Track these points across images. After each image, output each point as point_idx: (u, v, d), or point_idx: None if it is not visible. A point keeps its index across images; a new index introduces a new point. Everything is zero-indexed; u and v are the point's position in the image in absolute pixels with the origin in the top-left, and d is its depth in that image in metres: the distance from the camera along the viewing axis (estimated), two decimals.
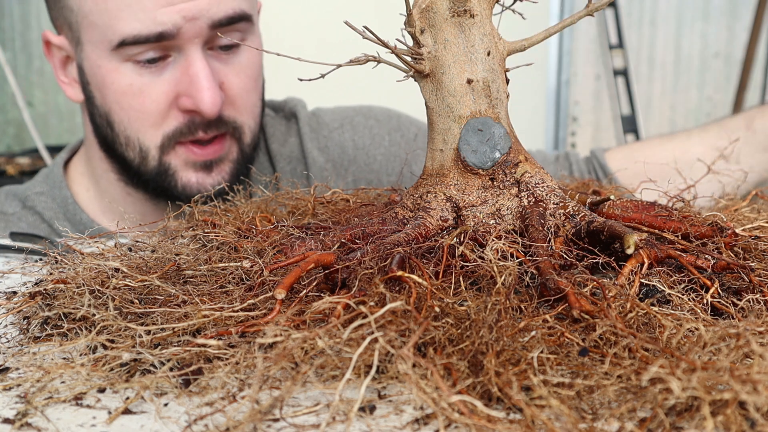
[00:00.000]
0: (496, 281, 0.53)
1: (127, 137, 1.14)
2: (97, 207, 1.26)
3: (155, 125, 1.12)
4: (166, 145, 1.13)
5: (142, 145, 1.13)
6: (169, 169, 1.15)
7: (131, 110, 1.11)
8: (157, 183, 1.16)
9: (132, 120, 1.12)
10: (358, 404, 0.42)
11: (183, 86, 1.10)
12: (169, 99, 1.10)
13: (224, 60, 1.13)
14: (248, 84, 1.16)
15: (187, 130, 1.12)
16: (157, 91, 1.09)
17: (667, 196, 0.78)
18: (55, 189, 1.26)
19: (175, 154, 1.14)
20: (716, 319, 0.55)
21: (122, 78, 1.09)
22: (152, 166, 1.15)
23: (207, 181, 1.16)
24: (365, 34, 0.64)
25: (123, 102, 1.11)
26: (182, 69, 1.09)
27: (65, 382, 0.48)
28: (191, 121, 1.12)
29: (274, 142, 1.34)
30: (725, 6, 4.24)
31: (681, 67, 4.27)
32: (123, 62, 1.08)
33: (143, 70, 1.09)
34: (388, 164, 1.36)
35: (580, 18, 0.68)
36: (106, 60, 1.09)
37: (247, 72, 1.15)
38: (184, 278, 0.64)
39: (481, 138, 0.67)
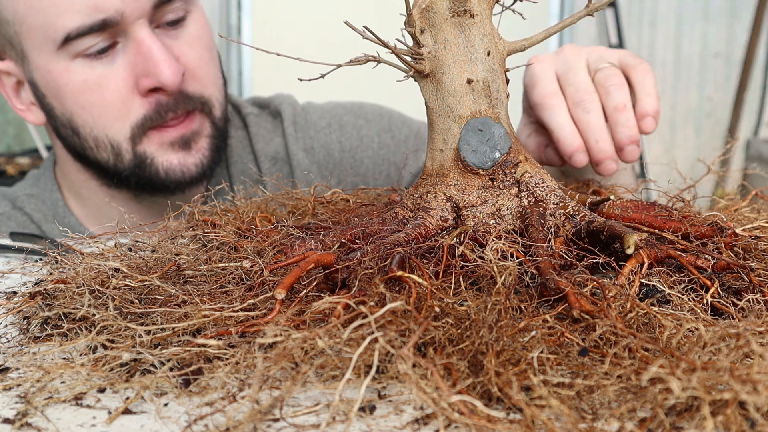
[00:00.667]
0: (496, 281, 0.54)
1: (95, 138, 1.10)
2: (81, 214, 1.24)
3: (120, 117, 1.08)
4: (136, 135, 1.09)
5: (112, 141, 1.10)
6: (146, 158, 1.11)
7: (93, 107, 1.07)
8: (137, 176, 1.13)
9: (96, 117, 1.08)
10: (358, 404, 0.42)
11: (139, 67, 1.06)
12: (128, 85, 1.07)
13: (173, 35, 1.10)
14: (204, 54, 1.13)
15: (157, 116, 1.09)
16: (114, 80, 1.06)
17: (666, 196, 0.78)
18: (45, 192, 1.24)
19: (148, 140, 1.10)
20: (716, 319, 0.55)
21: (75, 76, 1.06)
22: (128, 160, 1.11)
23: (189, 161, 1.13)
24: (365, 34, 0.64)
25: (82, 100, 1.07)
26: (133, 51, 1.06)
27: (65, 382, 0.48)
28: (158, 105, 1.08)
29: (259, 141, 1.31)
30: (725, 6, 4.24)
31: (681, 67, 4.27)
32: (72, 60, 1.05)
33: (95, 62, 1.05)
34: (376, 167, 1.33)
35: (580, 18, 0.68)
36: (55, 62, 1.05)
37: (200, 42, 1.12)
38: (184, 278, 0.64)
39: (481, 138, 0.67)
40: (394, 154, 1.34)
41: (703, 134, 4.37)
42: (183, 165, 1.13)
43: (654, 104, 0.91)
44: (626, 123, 0.90)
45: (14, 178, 2.50)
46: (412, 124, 1.38)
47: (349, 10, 1.58)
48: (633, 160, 0.92)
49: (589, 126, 0.90)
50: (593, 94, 0.91)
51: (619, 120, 0.90)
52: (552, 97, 0.91)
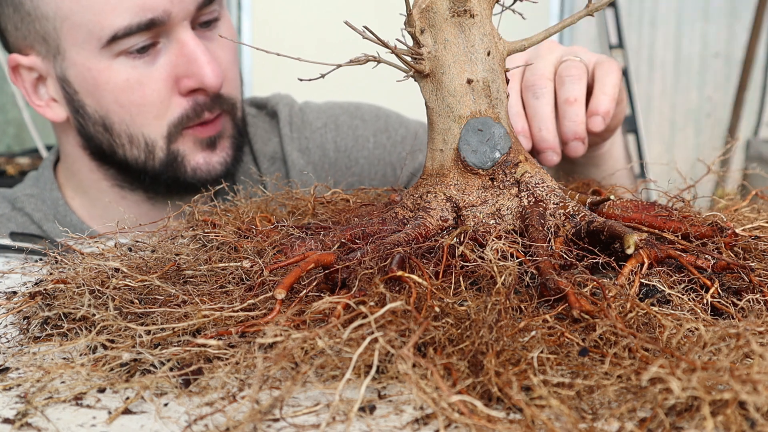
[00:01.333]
0: (496, 281, 0.54)
1: (130, 135, 1.12)
2: (85, 213, 1.24)
3: (159, 116, 1.10)
4: (173, 134, 1.12)
5: (148, 139, 1.12)
6: (178, 156, 1.14)
7: (132, 106, 1.09)
8: (167, 174, 1.15)
9: (134, 115, 1.10)
10: (358, 404, 0.42)
11: (181, 68, 1.08)
12: (168, 85, 1.09)
13: (208, 37, 1.12)
14: (232, 57, 1.16)
15: (194, 114, 1.11)
16: (156, 79, 1.08)
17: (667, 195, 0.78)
18: (45, 191, 1.24)
19: (183, 140, 1.13)
20: (716, 319, 0.55)
21: (117, 75, 1.07)
22: (160, 158, 1.13)
23: (213, 159, 1.16)
24: (365, 34, 0.64)
25: (122, 99, 1.09)
26: (176, 51, 1.08)
27: (65, 382, 0.48)
28: (195, 104, 1.11)
29: (258, 142, 1.33)
30: (725, 6, 4.24)
31: (681, 67, 4.27)
32: (114, 58, 1.06)
33: (136, 61, 1.07)
34: (371, 167, 1.33)
35: (580, 18, 0.68)
36: (96, 60, 1.07)
37: (230, 45, 1.15)
38: (184, 278, 0.64)
39: (481, 138, 0.67)
40: (390, 155, 1.35)
41: (703, 134, 4.37)
42: (209, 164, 1.16)
43: (606, 104, 0.88)
44: (573, 118, 0.88)
45: (14, 178, 2.50)
46: (410, 125, 1.38)
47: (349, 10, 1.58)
48: (576, 155, 0.91)
49: (536, 113, 0.89)
50: (548, 82, 0.90)
51: (567, 113, 0.89)
52: None
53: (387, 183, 1.33)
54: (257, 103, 1.38)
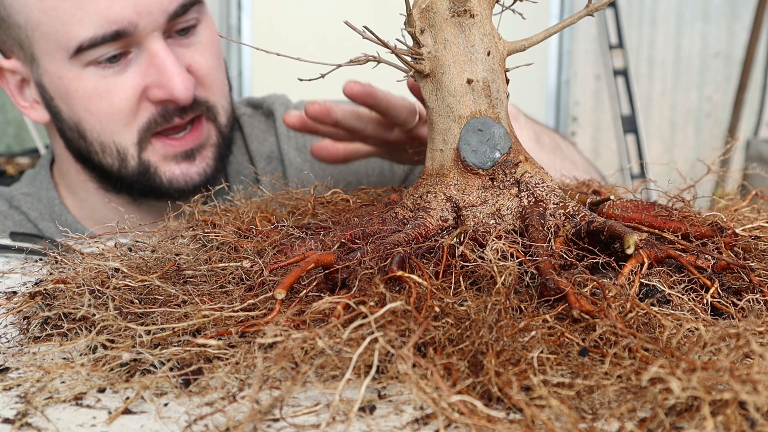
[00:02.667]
0: (496, 281, 0.53)
1: (102, 143, 1.11)
2: (78, 213, 1.25)
3: (128, 123, 1.10)
4: (143, 139, 1.11)
5: (119, 147, 1.11)
6: (150, 167, 1.13)
7: (101, 114, 1.09)
8: (141, 183, 1.14)
9: (104, 123, 1.10)
10: (358, 404, 0.42)
11: (151, 77, 1.07)
12: (137, 93, 1.08)
13: (185, 43, 1.11)
14: (213, 62, 1.15)
15: (162, 119, 1.10)
16: (124, 88, 1.07)
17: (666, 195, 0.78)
18: (41, 190, 1.24)
19: (153, 149, 1.12)
20: (716, 319, 0.55)
21: (86, 83, 1.07)
22: (132, 167, 1.13)
23: (192, 170, 1.15)
24: (365, 34, 0.64)
25: (91, 107, 1.09)
26: (146, 61, 1.07)
27: (65, 382, 0.48)
28: (165, 110, 1.10)
29: (253, 141, 1.32)
30: (725, 6, 4.24)
31: (681, 67, 4.28)
32: (84, 68, 1.06)
33: (106, 71, 1.06)
34: (368, 165, 1.34)
35: (580, 18, 0.68)
36: (66, 69, 1.06)
37: (210, 50, 1.14)
38: (184, 278, 0.64)
39: (481, 138, 0.67)
40: None
41: (703, 134, 4.38)
42: (186, 175, 1.15)
43: None
44: None
45: (14, 178, 2.49)
46: None
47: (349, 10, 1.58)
48: None
49: None
50: None
51: None
52: None
53: (384, 180, 1.34)
54: (253, 103, 1.38)
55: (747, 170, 0.95)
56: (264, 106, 1.36)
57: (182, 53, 1.10)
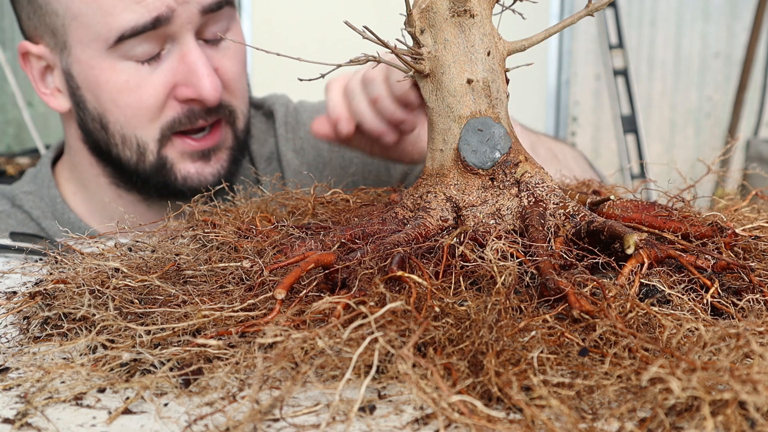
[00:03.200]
0: (496, 281, 0.53)
1: (123, 136, 1.13)
2: (86, 209, 1.25)
3: (153, 119, 1.11)
4: (164, 137, 1.12)
5: (140, 141, 1.13)
6: (167, 163, 1.14)
7: (128, 107, 1.10)
8: (157, 179, 1.15)
9: (129, 117, 1.11)
10: (358, 404, 0.42)
11: (181, 76, 1.09)
12: (166, 90, 1.10)
13: (214, 47, 1.13)
14: (240, 68, 1.17)
15: (187, 120, 1.12)
16: (154, 84, 1.09)
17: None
18: (43, 188, 1.25)
19: (172, 146, 1.14)
20: (716, 319, 0.55)
21: (119, 75, 1.08)
22: (150, 162, 1.14)
23: (206, 171, 1.16)
24: (365, 34, 0.64)
25: (119, 100, 1.10)
26: (178, 59, 1.09)
27: (65, 382, 0.48)
28: (190, 111, 1.11)
29: (255, 143, 1.34)
30: (725, 6, 4.24)
31: (681, 67, 4.28)
32: (120, 60, 1.08)
33: (140, 66, 1.08)
34: (365, 166, 1.34)
35: (580, 18, 0.68)
36: (101, 59, 1.08)
37: (238, 56, 1.16)
38: (184, 278, 0.64)
39: (481, 138, 0.67)
40: None
41: (703, 134, 4.38)
42: (200, 174, 1.16)
43: None
44: None
45: (14, 178, 2.49)
46: None
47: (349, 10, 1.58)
48: None
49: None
50: None
51: None
52: None
53: (381, 182, 1.34)
54: (254, 103, 1.39)
55: (747, 170, 0.95)
56: (265, 106, 1.37)
57: (212, 55, 1.12)
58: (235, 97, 1.17)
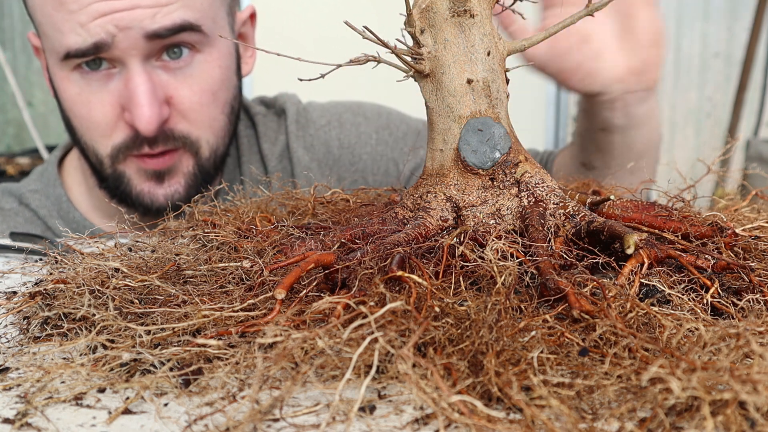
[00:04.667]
0: (496, 281, 0.53)
1: (85, 143, 1.14)
2: (89, 204, 1.27)
3: (104, 135, 1.11)
4: (116, 156, 1.12)
5: (97, 153, 1.13)
6: (124, 177, 1.14)
7: (82, 119, 1.11)
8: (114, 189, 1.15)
9: (84, 129, 1.11)
10: (358, 404, 0.42)
11: (124, 100, 1.07)
12: (115, 110, 1.09)
13: (172, 71, 1.09)
14: (202, 97, 1.11)
15: (133, 145, 1.10)
16: (102, 102, 1.08)
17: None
18: (49, 187, 1.26)
19: (127, 163, 1.13)
20: (716, 319, 0.55)
21: (72, 86, 1.09)
22: (108, 173, 1.14)
23: (158, 192, 1.14)
24: (365, 34, 0.64)
25: (74, 110, 1.11)
26: (124, 82, 1.07)
27: (65, 382, 0.48)
28: (136, 136, 1.09)
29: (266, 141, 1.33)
30: (725, 6, 4.24)
31: (681, 67, 4.27)
32: (72, 72, 1.08)
33: (89, 78, 1.07)
34: (374, 163, 1.35)
35: (580, 18, 0.68)
36: (58, 68, 1.09)
37: (201, 84, 1.11)
38: (184, 278, 0.64)
39: (481, 138, 0.67)
40: (392, 151, 1.36)
41: (703, 134, 4.37)
42: (152, 194, 1.14)
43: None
44: None
45: (14, 178, 2.50)
46: (411, 122, 1.41)
47: (349, 10, 1.58)
48: None
49: None
50: None
51: None
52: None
53: (389, 178, 1.35)
54: (266, 102, 1.40)
55: (747, 170, 0.95)
56: (276, 105, 1.38)
57: (167, 81, 1.08)
58: (196, 126, 1.12)
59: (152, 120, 1.05)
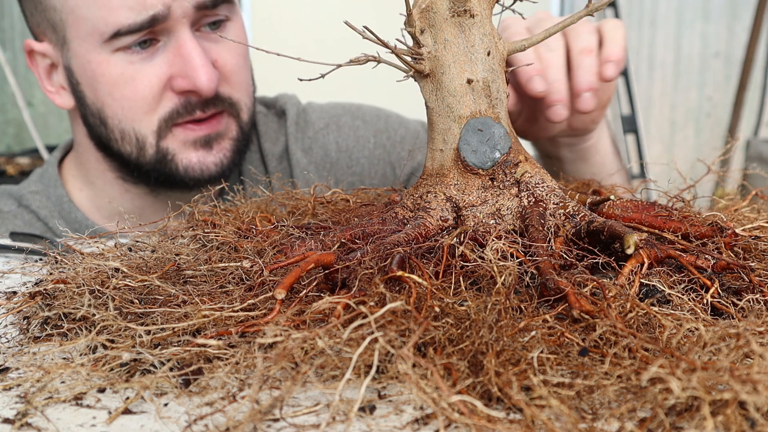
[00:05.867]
0: (496, 281, 0.53)
1: (122, 130, 1.13)
2: (92, 206, 1.26)
3: (150, 111, 1.11)
4: (163, 129, 1.13)
5: (138, 135, 1.13)
6: (168, 154, 1.14)
7: (124, 100, 1.11)
8: (158, 171, 1.16)
9: (126, 110, 1.11)
10: (358, 404, 0.42)
11: (177, 67, 1.09)
12: (162, 82, 1.10)
13: (213, 38, 1.13)
14: (240, 61, 1.17)
15: (184, 111, 1.12)
16: (149, 76, 1.09)
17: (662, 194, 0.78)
18: (50, 188, 1.26)
19: (173, 136, 1.14)
20: (716, 319, 0.55)
21: (113, 68, 1.09)
22: (150, 155, 1.14)
23: (209, 159, 1.16)
24: (365, 34, 0.64)
25: (115, 93, 1.10)
26: (174, 51, 1.09)
27: (65, 382, 0.48)
28: (187, 102, 1.12)
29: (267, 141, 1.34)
30: (725, 6, 4.24)
31: (681, 67, 4.27)
32: (113, 53, 1.08)
33: (133, 57, 1.09)
34: (371, 167, 1.35)
35: (580, 18, 0.68)
36: (96, 53, 1.09)
37: (237, 49, 1.16)
38: (184, 278, 0.64)
39: (481, 138, 0.67)
40: (390, 154, 1.36)
41: (703, 134, 4.38)
42: (202, 163, 1.16)
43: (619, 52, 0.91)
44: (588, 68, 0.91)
45: (14, 179, 2.50)
46: (409, 125, 1.41)
47: (349, 10, 1.59)
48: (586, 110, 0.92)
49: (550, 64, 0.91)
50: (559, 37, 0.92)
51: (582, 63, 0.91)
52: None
53: (387, 182, 1.35)
54: (266, 102, 1.40)
55: (747, 170, 0.95)
56: (277, 105, 1.38)
57: (210, 47, 1.12)
58: (236, 89, 1.16)
59: (212, 78, 1.09)
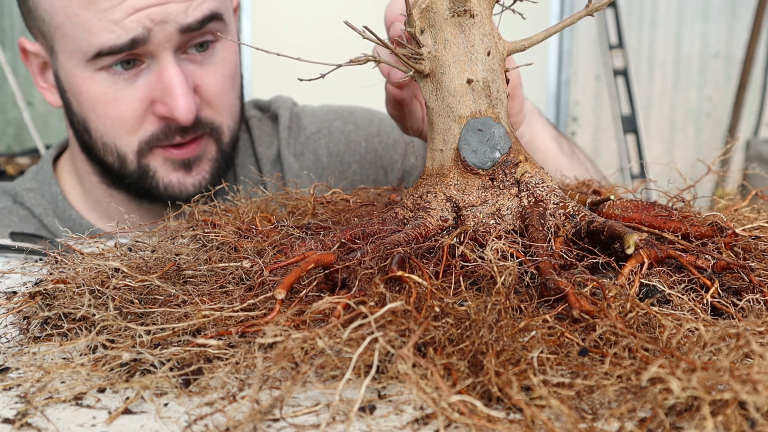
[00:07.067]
0: (496, 281, 0.53)
1: (104, 143, 1.14)
2: (84, 205, 1.27)
3: (131, 131, 1.12)
4: (143, 150, 1.13)
5: (119, 151, 1.14)
6: (149, 170, 1.15)
7: (106, 118, 1.11)
8: (138, 185, 1.16)
9: (108, 127, 1.12)
10: (358, 404, 0.42)
11: (157, 93, 1.09)
12: (144, 105, 1.10)
13: (199, 62, 1.12)
14: (225, 84, 1.15)
15: (164, 136, 1.12)
16: (131, 98, 1.09)
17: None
18: (44, 185, 1.26)
19: (153, 156, 1.14)
20: (716, 319, 0.55)
21: (97, 87, 1.09)
22: (132, 170, 1.15)
23: (187, 181, 1.16)
24: (365, 34, 0.64)
25: (98, 110, 1.11)
26: (156, 75, 1.09)
27: (65, 382, 0.48)
28: (167, 127, 1.11)
29: (261, 145, 1.34)
30: (725, 6, 4.25)
31: (681, 67, 4.28)
32: (97, 72, 1.08)
33: (117, 77, 1.08)
34: (363, 171, 1.35)
35: (580, 18, 0.68)
36: (80, 69, 1.09)
37: (223, 72, 1.15)
38: (184, 278, 0.64)
39: (481, 138, 0.67)
40: (382, 158, 1.36)
41: (703, 134, 4.38)
42: (182, 184, 1.16)
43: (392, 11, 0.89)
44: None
45: (14, 179, 2.49)
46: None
47: (349, 10, 1.58)
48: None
49: None
50: None
51: None
52: None
53: (378, 185, 1.35)
54: (260, 106, 1.40)
55: (747, 170, 0.95)
56: (271, 109, 1.38)
57: (193, 72, 1.11)
58: (219, 113, 1.16)
59: (191, 108, 1.08)
